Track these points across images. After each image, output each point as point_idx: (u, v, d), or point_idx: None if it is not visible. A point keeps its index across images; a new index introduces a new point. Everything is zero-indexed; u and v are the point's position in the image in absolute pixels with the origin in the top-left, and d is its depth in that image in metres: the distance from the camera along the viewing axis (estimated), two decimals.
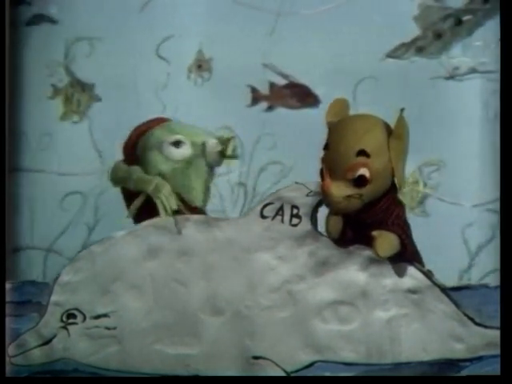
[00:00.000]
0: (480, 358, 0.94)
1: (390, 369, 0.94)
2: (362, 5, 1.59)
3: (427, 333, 0.94)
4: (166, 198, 0.98)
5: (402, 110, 0.92)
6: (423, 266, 0.97)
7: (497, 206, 1.56)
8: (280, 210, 0.97)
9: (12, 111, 1.43)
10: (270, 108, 1.65)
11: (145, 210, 1.00)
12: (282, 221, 0.97)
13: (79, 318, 0.97)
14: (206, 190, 1.03)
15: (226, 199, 1.61)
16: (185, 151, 1.01)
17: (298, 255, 0.96)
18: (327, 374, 0.94)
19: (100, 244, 1.00)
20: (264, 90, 1.65)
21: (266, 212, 0.97)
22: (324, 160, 0.93)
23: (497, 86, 1.48)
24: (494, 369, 0.92)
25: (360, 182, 0.91)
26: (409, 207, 1.26)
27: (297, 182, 0.97)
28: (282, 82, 1.65)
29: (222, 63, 1.64)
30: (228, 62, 1.63)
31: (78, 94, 1.65)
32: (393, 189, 0.95)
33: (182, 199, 1.00)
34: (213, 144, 1.02)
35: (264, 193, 1.55)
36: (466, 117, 1.60)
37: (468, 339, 0.94)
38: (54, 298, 0.98)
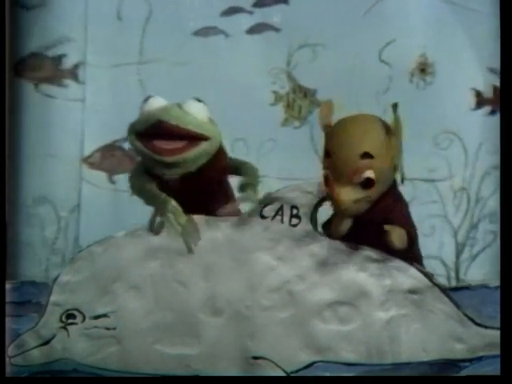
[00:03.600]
0: (480, 358, 0.94)
1: (390, 369, 0.94)
2: None
3: (427, 333, 0.94)
4: (174, 215, 0.96)
5: (395, 105, 0.92)
6: (423, 266, 0.97)
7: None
8: (280, 211, 0.97)
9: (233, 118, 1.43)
10: (492, 112, 1.64)
11: None
12: (282, 221, 0.97)
13: (79, 318, 0.97)
14: None
15: (448, 204, 1.62)
16: None
17: (298, 255, 0.96)
18: (327, 374, 0.94)
19: (100, 244, 1.00)
20: (488, 93, 1.64)
21: (266, 212, 0.97)
22: (327, 167, 0.93)
23: None
24: (494, 369, 0.92)
25: (367, 184, 0.91)
26: None
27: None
28: None
29: (446, 67, 1.64)
30: (451, 65, 1.63)
31: (299, 100, 1.65)
32: (394, 184, 0.95)
33: None
34: None
35: (487, 198, 1.61)
36: None
37: (468, 339, 0.94)
38: (53, 298, 0.98)
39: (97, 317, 0.97)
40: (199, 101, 0.95)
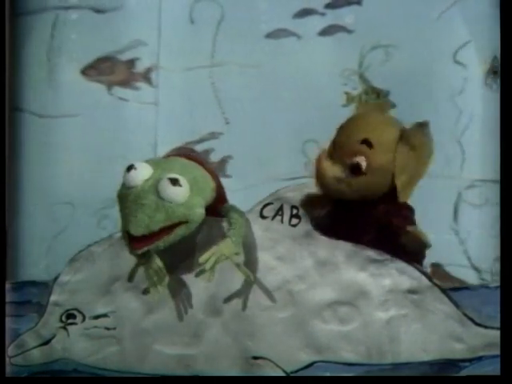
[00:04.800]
0: (480, 358, 0.94)
1: (390, 369, 0.94)
2: None
3: (427, 333, 0.94)
4: (156, 274, 0.95)
5: (424, 123, 0.92)
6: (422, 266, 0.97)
7: None
8: (280, 211, 0.97)
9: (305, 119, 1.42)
10: None
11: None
12: (282, 221, 0.97)
13: (79, 318, 0.97)
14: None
15: None
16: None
17: (298, 255, 0.96)
18: (327, 374, 0.94)
19: (100, 244, 1.00)
20: None
21: (266, 212, 0.97)
22: (332, 141, 0.94)
23: None
24: (494, 369, 0.92)
25: (354, 169, 0.91)
26: None
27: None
28: None
29: None
30: None
31: (371, 101, 1.65)
32: (395, 194, 0.95)
33: None
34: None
35: None
36: None
37: (468, 339, 0.94)
38: (53, 298, 0.98)
39: (97, 317, 0.97)
40: (175, 181, 0.90)
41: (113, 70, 1.64)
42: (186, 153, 1.01)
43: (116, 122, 1.65)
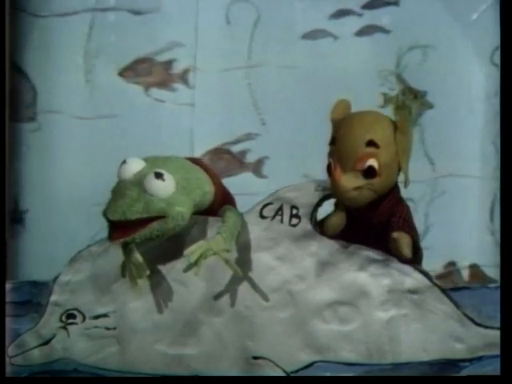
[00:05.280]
0: (480, 358, 0.94)
1: (390, 369, 0.94)
2: None
3: (427, 333, 0.94)
4: (136, 268, 0.95)
5: (407, 106, 0.92)
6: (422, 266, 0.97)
7: None
8: (279, 210, 0.97)
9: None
10: None
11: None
12: (282, 221, 0.97)
13: (79, 318, 0.97)
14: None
15: None
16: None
17: (298, 255, 0.96)
18: (327, 374, 0.94)
19: (100, 244, 1.00)
20: None
21: (266, 212, 0.97)
22: (332, 154, 0.92)
23: None
24: (494, 369, 0.92)
25: (369, 173, 0.91)
26: None
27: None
28: None
29: None
30: None
31: (409, 102, 1.65)
32: (396, 187, 0.95)
33: None
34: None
35: None
36: None
37: (468, 339, 0.94)
38: (53, 298, 0.98)
39: (97, 317, 0.97)
40: (159, 175, 0.90)
41: (150, 72, 1.65)
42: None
43: (153, 123, 1.66)
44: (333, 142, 0.93)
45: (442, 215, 1.67)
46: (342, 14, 1.65)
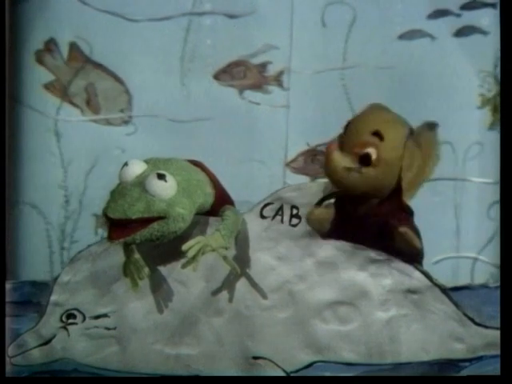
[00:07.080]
0: (480, 358, 0.94)
1: (390, 369, 0.94)
2: None
3: (427, 333, 0.94)
4: (136, 268, 0.95)
5: (433, 124, 0.93)
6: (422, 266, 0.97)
7: None
8: (280, 210, 0.97)
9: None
10: None
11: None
12: (282, 221, 0.97)
13: (79, 318, 0.97)
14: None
15: None
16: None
17: (298, 255, 0.96)
18: (327, 374, 0.94)
19: (100, 244, 1.00)
20: None
21: (266, 212, 0.97)
22: (340, 136, 0.94)
23: None
24: (494, 369, 0.92)
25: (364, 160, 0.91)
26: None
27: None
28: None
29: None
30: None
31: None
32: (398, 195, 0.95)
33: None
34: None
35: None
36: None
37: (468, 339, 0.94)
38: (53, 298, 0.98)
39: (97, 317, 0.97)
40: (161, 176, 0.90)
41: (245, 74, 1.66)
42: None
43: (247, 126, 1.65)
44: (346, 126, 0.94)
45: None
46: (439, 14, 1.64)
